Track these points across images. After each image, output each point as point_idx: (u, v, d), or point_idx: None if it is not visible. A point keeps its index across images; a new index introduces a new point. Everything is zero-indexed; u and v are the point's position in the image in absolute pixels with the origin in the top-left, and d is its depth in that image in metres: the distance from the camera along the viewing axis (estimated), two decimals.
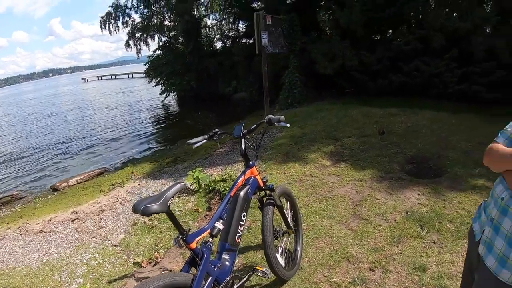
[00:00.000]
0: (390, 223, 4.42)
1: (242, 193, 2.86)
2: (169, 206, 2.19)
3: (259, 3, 18.10)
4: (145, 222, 4.99)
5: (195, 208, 5.26)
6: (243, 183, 3.01)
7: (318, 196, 5.19)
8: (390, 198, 5.07)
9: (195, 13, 24.99)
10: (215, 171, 6.84)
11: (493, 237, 1.68)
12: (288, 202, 3.73)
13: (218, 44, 26.02)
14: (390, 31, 13.03)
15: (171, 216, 2.25)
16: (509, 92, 9.46)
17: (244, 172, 3.08)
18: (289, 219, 3.64)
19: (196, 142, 3.05)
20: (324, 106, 11.16)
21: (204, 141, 3.09)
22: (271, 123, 3.23)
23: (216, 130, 3.19)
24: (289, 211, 3.73)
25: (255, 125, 3.23)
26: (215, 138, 3.15)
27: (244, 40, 21.56)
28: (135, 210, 2.08)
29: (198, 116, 18.67)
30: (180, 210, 5.25)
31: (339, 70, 12.14)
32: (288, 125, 3.40)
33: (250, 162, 3.19)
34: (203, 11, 26.51)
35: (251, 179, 3.12)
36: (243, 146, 3.10)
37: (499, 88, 9.70)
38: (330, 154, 6.77)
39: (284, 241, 3.57)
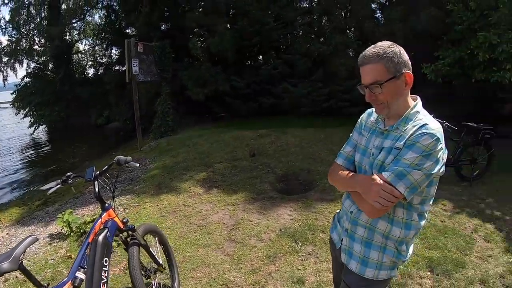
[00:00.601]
0: (265, 243, 4.53)
1: (100, 238, 2.72)
2: (21, 262, 2.12)
3: (133, 29, 17.74)
4: (16, 277, 4.53)
5: (68, 254, 4.89)
6: (101, 227, 2.87)
7: (192, 226, 5.12)
8: (263, 218, 5.21)
9: (68, 37, 23.62)
10: (87, 210, 6.39)
11: (350, 244, 1.98)
12: (156, 238, 3.64)
13: (91, 71, 24.84)
14: (261, 56, 13.59)
15: (25, 272, 2.17)
16: (369, 105, 10.50)
17: (100, 216, 2.96)
18: (158, 256, 3.55)
19: (49, 188, 2.88)
20: (197, 132, 11.19)
21: (58, 186, 2.91)
22: (120, 164, 3.19)
23: (69, 173, 3.01)
24: (158, 247, 3.65)
25: (106, 166, 3.17)
26: (69, 181, 3.00)
27: (117, 67, 20.82)
28: None
29: (71, 149, 17.56)
30: (53, 259, 4.82)
31: (211, 95, 12.36)
32: (137, 165, 3.38)
33: (106, 205, 3.07)
34: (76, 35, 25.25)
35: (109, 222, 2.98)
36: (96, 189, 2.98)
37: (360, 103, 10.65)
38: (202, 182, 6.77)
39: (157, 279, 3.47)
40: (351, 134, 2.13)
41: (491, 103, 11.78)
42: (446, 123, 6.24)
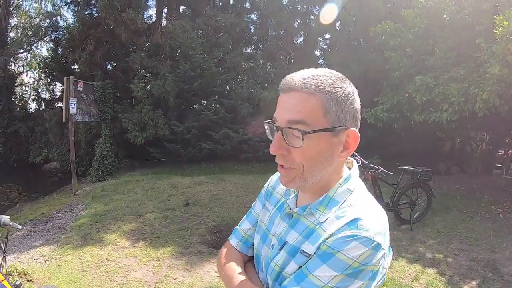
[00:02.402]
0: None
1: None
2: None
3: (77, 66, 17.38)
4: None
5: None
6: None
7: (112, 284, 4.84)
8: (188, 276, 5.02)
9: (13, 67, 22.73)
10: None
11: None
12: None
13: (33, 106, 23.87)
14: (204, 101, 13.63)
15: None
16: None
17: None
18: None
19: None
20: (134, 177, 10.96)
21: None
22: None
23: None
24: None
25: None
26: None
27: (59, 104, 20.16)
28: None
29: (4, 189, 16.56)
30: None
31: (151, 139, 12.24)
32: (19, 227, 3.15)
33: None
34: (21, 66, 24.34)
35: None
36: None
37: None
38: (130, 233, 6.52)
39: None
40: (254, 203, 1.50)
41: (432, 142, 12.34)
42: (382, 169, 6.40)
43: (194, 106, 13.65)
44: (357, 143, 1.11)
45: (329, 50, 15.53)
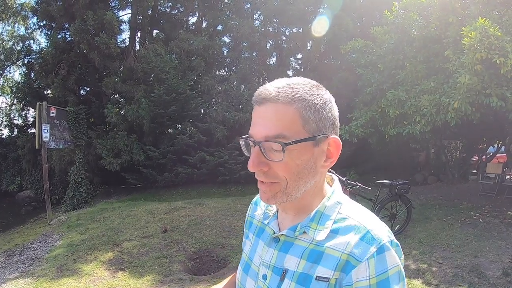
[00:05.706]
0: None
1: None
2: None
3: (50, 91, 17.14)
4: None
5: None
6: None
7: None
8: None
9: None
10: None
11: None
12: None
13: (5, 132, 23.41)
14: (179, 125, 13.60)
15: None
16: None
17: None
18: None
19: None
20: (110, 205, 10.75)
21: None
22: None
23: None
24: None
25: None
26: None
27: (32, 131, 19.85)
28: None
29: None
30: None
31: (126, 165, 12.10)
32: None
33: None
34: None
35: None
36: None
37: None
38: (108, 263, 6.36)
39: None
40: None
41: (407, 154, 12.56)
42: (360, 184, 6.45)
43: (169, 131, 13.57)
44: (339, 151, 1.05)
45: (302, 70, 15.74)
